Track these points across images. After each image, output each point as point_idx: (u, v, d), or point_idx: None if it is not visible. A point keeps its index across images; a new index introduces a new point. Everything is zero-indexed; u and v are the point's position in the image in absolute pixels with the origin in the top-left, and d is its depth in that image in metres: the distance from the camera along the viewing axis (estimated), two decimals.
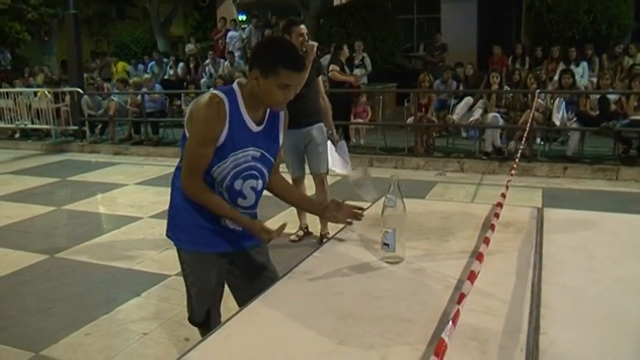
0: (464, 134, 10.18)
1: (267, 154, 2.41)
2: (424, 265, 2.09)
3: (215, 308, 2.60)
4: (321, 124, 5.05)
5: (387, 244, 2.08)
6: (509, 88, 9.68)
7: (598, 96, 8.99)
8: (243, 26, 16.64)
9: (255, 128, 2.35)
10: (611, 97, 8.93)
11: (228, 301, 2.63)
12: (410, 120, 9.55)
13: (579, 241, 2.34)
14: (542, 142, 9.28)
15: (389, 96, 12.57)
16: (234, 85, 2.33)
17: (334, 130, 5.39)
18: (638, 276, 1.99)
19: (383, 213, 2.09)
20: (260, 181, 2.44)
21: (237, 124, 2.28)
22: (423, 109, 9.56)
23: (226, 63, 14.25)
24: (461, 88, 10.79)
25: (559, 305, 1.75)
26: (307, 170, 5.26)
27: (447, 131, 10.31)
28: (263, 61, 2.23)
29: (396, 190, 2.08)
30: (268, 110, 2.38)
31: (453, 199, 6.49)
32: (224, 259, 2.51)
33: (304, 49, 4.61)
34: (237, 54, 14.79)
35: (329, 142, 5.18)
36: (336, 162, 5.18)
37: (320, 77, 5.15)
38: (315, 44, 4.73)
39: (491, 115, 8.93)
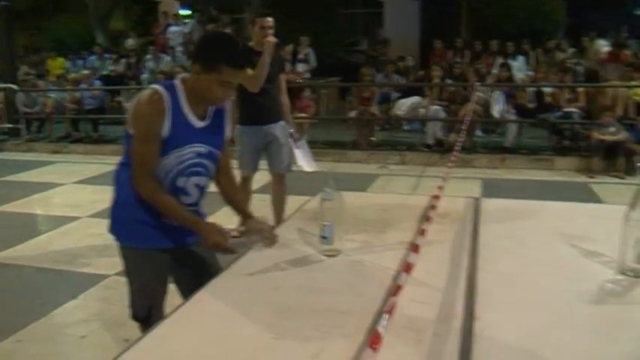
0: (406, 127, 10.31)
1: (213, 150, 2.38)
2: (362, 257, 2.10)
3: (157, 305, 2.55)
4: (284, 123, 4.95)
5: (325, 237, 2.08)
6: (450, 82, 9.86)
7: (534, 89, 9.24)
8: (185, 21, 16.38)
9: (198, 124, 2.31)
10: (546, 89, 9.20)
11: (174, 298, 2.58)
12: (352, 114, 9.61)
13: (513, 229, 2.40)
14: (481, 134, 9.49)
15: (332, 90, 12.61)
16: (176, 80, 2.29)
17: (294, 128, 5.28)
18: (568, 261, 2.05)
19: (321, 206, 2.09)
20: (205, 178, 2.40)
21: (179, 119, 2.24)
22: (366, 103, 9.63)
23: (168, 58, 14.02)
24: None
25: (493, 291, 1.78)
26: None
27: (389, 124, 10.42)
28: (205, 56, 2.19)
29: (334, 183, 2.09)
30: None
31: (395, 192, 6.55)
32: (167, 255, 2.47)
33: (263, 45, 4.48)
34: (179, 49, 14.56)
35: (290, 140, 5.07)
36: (301, 160, 5.07)
37: (282, 75, 5.02)
38: (274, 40, 4.56)
39: (432, 107, 9.07)
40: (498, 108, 9.00)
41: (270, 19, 4.60)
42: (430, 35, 13.88)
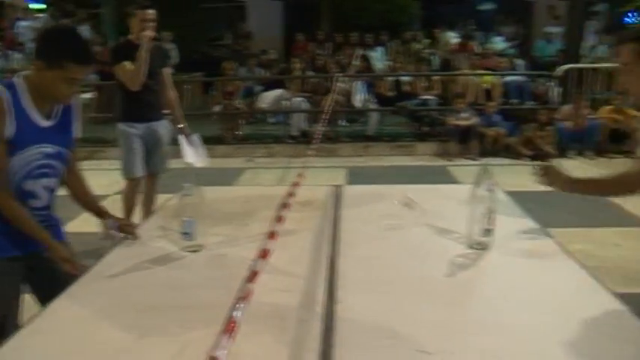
0: (271, 120, 10.36)
1: (62, 150, 2.26)
2: (225, 250, 2.10)
3: (11, 316, 2.39)
4: (166, 121, 4.70)
5: (187, 233, 2.06)
6: (312, 74, 10.02)
7: (393, 78, 9.62)
8: (37, 15, 15.34)
9: (43, 123, 2.18)
10: (404, 79, 9.61)
11: (32, 308, 2.43)
12: (216, 108, 9.52)
13: (373, 213, 2.49)
14: (345, 124, 9.74)
15: (195, 85, 12.39)
16: (17, 78, 2.14)
17: (185, 123, 4.96)
18: (422, 240, 2.18)
19: (181, 202, 2.06)
20: (54, 180, 2.28)
21: (22, 119, 2.10)
22: (229, 97, 9.57)
23: (18, 55, 13.10)
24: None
25: (353, 275, 1.85)
26: None
27: (254, 118, 10.42)
28: (48, 52, 2.07)
29: (194, 178, 2.06)
30: None
31: (262, 185, 6.59)
32: (18, 264, 2.31)
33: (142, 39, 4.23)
34: (30, 45, 13.64)
35: (181, 136, 4.78)
36: (190, 156, 4.73)
37: (168, 68, 4.76)
38: (150, 34, 4.28)
39: (296, 99, 9.18)
40: (359, 98, 9.28)
41: (151, 11, 4.36)
42: (293, 28, 13.99)
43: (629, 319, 1.57)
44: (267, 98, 9.48)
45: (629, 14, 14.14)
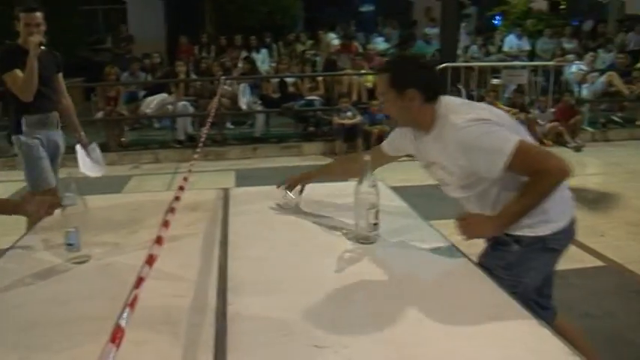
0: (156, 125, 10.13)
1: None
2: (113, 259, 2.05)
3: None
4: (61, 132, 4.42)
5: (72, 244, 1.99)
6: (196, 77, 9.89)
7: (278, 79, 9.68)
8: None
9: None
10: (289, 80, 9.70)
11: None
12: (99, 115, 9.19)
13: (261, 214, 2.52)
14: (231, 127, 9.71)
15: (76, 91, 11.86)
16: None
17: (82, 132, 4.69)
18: (311, 237, 2.23)
19: (64, 213, 1.99)
20: None
21: None
22: (112, 103, 9.26)
23: None
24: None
25: (244, 276, 1.87)
26: None
27: (139, 124, 10.14)
28: None
29: (75, 187, 2.00)
30: None
31: (150, 191, 6.43)
32: None
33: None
34: None
35: (78, 146, 4.52)
36: (87, 166, 4.50)
37: (61, 74, 4.43)
38: (37, 39, 3.97)
39: (180, 103, 9.03)
40: (245, 100, 9.27)
41: (38, 14, 4.05)
42: (176, 31, 13.75)
43: (508, 301, 1.70)
44: (152, 103, 9.24)
45: (497, 17, 15.05)
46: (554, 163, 1.96)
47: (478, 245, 2.24)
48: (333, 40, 10.53)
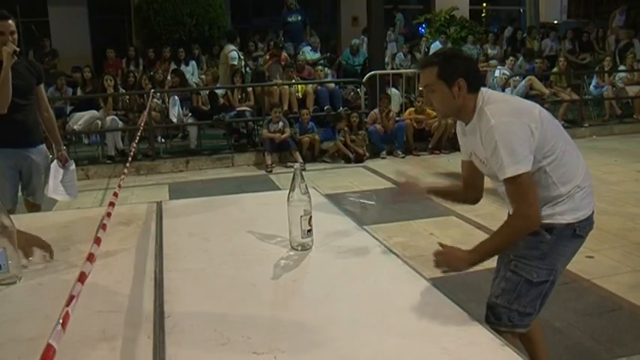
0: (85, 141, 9.89)
1: None
2: (44, 278, 2.00)
3: None
4: (43, 146, 4.23)
5: None
6: (124, 91, 9.72)
7: (208, 92, 9.63)
8: None
9: None
10: (219, 91, 9.67)
11: None
12: None
13: (196, 225, 2.51)
14: (163, 140, 9.58)
15: None
16: None
17: (63, 147, 4.51)
18: (246, 247, 2.23)
19: None
20: None
21: None
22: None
23: None
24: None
25: (180, 288, 1.86)
26: None
27: (67, 140, 9.86)
28: None
29: (2, 208, 1.94)
30: None
31: (81, 208, 6.27)
32: None
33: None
34: None
35: (54, 163, 4.30)
36: (58, 189, 4.31)
37: (42, 85, 4.26)
38: (10, 49, 3.79)
39: (109, 118, 8.86)
40: (175, 113, 9.18)
41: (11, 22, 3.87)
42: (102, 45, 13.47)
43: (442, 299, 1.76)
44: (80, 119, 8.99)
45: (422, 25, 15.45)
46: (534, 212, 2.14)
47: (414, 247, 2.31)
48: (232, 52, 10.44)
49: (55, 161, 4.36)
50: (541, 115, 2.19)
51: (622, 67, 11.77)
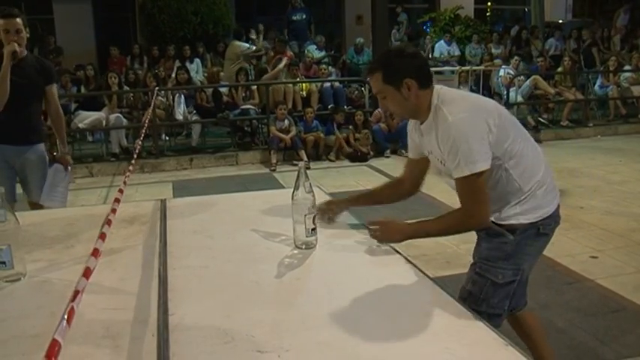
0: (90, 138, 9.91)
1: None
2: (49, 275, 2.00)
3: None
4: (41, 146, 4.18)
5: (3, 262, 1.93)
6: (128, 88, 9.74)
7: (212, 89, 9.63)
8: None
9: None
10: (223, 89, 9.67)
11: None
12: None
13: (200, 223, 2.51)
14: (167, 138, 9.60)
15: None
16: None
17: (66, 149, 4.41)
18: (248, 245, 2.24)
19: None
20: None
21: None
22: (43, 117, 8.99)
23: None
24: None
25: (184, 286, 1.86)
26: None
27: (71, 137, 9.87)
28: None
29: (5, 203, 1.95)
30: None
31: (85, 205, 6.29)
32: None
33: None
34: None
35: (54, 168, 4.21)
36: (51, 195, 4.18)
37: (53, 86, 4.20)
38: (12, 48, 3.75)
39: (113, 116, 8.87)
40: (180, 110, 9.19)
41: (18, 20, 3.80)
42: (107, 42, 13.48)
43: (445, 298, 1.75)
44: (86, 119, 8.98)
45: (427, 24, 15.43)
46: (483, 213, 2.12)
47: (417, 247, 2.31)
48: (242, 44, 10.52)
49: (55, 165, 4.28)
50: (499, 111, 2.15)
51: (627, 67, 11.75)
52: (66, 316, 1.28)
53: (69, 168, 4.37)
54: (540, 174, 2.23)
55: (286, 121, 8.85)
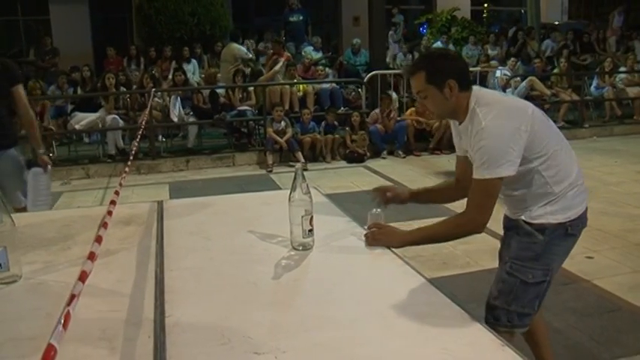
0: (86, 140, 9.90)
1: None
2: (45, 277, 2.00)
3: None
4: (12, 151, 4.11)
5: None
6: (126, 90, 9.73)
7: (209, 91, 9.63)
8: None
9: None
10: (220, 91, 9.67)
11: None
12: (24, 131, 8.89)
13: (196, 225, 2.51)
14: (163, 139, 9.59)
15: None
16: None
17: (42, 150, 4.25)
18: (246, 246, 2.23)
19: None
20: None
21: None
22: (38, 118, 8.99)
23: None
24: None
25: (181, 288, 1.86)
26: None
27: (67, 138, 9.87)
28: None
29: (1, 205, 1.94)
30: None
31: (82, 207, 6.28)
32: None
33: None
34: None
35: (32, 172, 4.10)
36: (37, 199, 4.07)
37: (19, 86, 4.10)
38: None
39: (110, 117, 8.86)
40: (176, 112, 9.18)
41: None
42: (103, 43, 13.48)
43: (442, 299, 1.76)
44: (83, 120, 8.95)
45: (423, 26, 15.45)
46: (485, 219, 2.15)
47: (411, 249, 2.31)
48: (240, 48, 10.58)
49: (33, 170, 4.15)
50: (533, 115, 2.18)
51: (622, 68, 11.79)
52: (62, 320, 1.27)
53: (49, 167, 4.24)
54: (573, 176, 2.27)
55: (283, 123, 8.86)
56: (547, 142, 2.19)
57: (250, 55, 10.72)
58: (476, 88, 2.24)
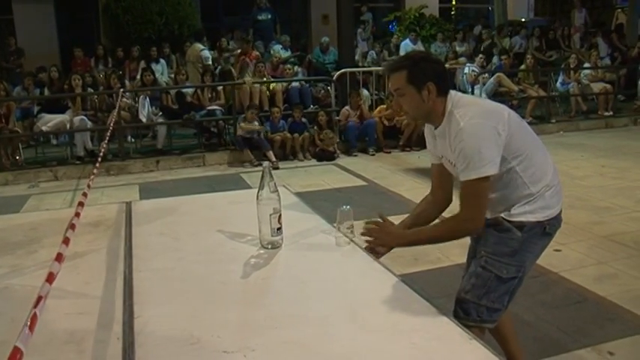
0: (54, 141, 9.75)
1: None
2: (11, 282, 1.97)
3: None
4: None
5: None
6: (91, 90, 9.61)
7: (176, 91, 9.56)
8: None
9: None
10: (188, 90, 9.60)
11: None
12: None
13: (166, 225, 2.50)
14: (133, 140, 9.49)
15: None
16: None
17: None
18: (215, 246, 2.24)
19: None
20: None
21: None
22: (3, 120, 8.83)
23: None
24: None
25: (150, 289, 1.85)
26: None
27: (34, 140, 9.71)
28: None
29: None
30: None
31: (50, 209, 6.19)
32: None
33: None
34: None
35: None
36: None
37: None
38: None
39: (77, 118, 8.74)
40: (145, 112, 9.10)
41: None
42: (70, 43, 13.26)
43: (414, 297, 1.77)
44: (50, 122, 8.80)
45: (392, 24, 15.52)
46: (480, 218, 2.18)
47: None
48: (203, 51, 10.54)
49: None
50: (510, 117, 2.21)
51: (587, 65, 11.99)
52: (28, 323, 1.25)
53: None
54: (549, 177, 2.31)
55: (255, 123, 8.84)
56: (523, 143, 2.23)
57: (209, 63, 10.63)
58: (453, 92, 2.27)
